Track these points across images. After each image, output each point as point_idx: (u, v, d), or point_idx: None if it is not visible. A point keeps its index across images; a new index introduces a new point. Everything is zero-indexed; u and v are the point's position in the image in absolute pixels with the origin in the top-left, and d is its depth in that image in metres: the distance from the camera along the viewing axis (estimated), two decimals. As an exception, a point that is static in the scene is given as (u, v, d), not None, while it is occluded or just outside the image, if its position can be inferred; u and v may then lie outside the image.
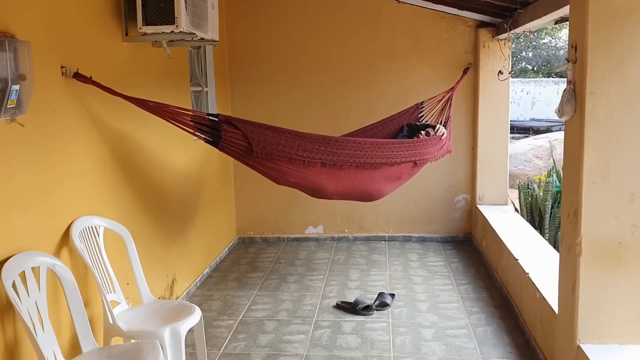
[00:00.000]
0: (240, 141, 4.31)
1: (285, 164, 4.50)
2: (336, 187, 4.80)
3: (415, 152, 5.00)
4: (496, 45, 6.32)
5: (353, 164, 4.71)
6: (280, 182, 4.70)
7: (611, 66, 3.07)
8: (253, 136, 4.32)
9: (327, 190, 4.81)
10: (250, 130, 4.32)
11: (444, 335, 4.38)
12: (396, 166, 4.93)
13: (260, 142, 4.35)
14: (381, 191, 5.07)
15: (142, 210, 4.43)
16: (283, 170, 4.53)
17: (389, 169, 4.91)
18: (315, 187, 4.76)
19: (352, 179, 4.79)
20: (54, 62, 3.28)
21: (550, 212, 6.53)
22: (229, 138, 4.26)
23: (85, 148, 3.61)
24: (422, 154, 5.06)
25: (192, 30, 4.02)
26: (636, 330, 3.21)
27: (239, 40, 6.70)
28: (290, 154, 4.48)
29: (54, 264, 3.03)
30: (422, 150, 5.06)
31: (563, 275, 3.48)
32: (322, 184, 4.73)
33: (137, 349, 3.07)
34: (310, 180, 4.67)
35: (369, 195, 5.07)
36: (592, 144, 3.12)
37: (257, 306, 5.04)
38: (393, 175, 5.01)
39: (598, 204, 3.15)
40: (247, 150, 4.35)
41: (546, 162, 12.45)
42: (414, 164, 5.05)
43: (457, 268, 5.94)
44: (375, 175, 4.89)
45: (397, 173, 5.01)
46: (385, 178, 4.97)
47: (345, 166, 4.69)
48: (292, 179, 4.63)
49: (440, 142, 5.27)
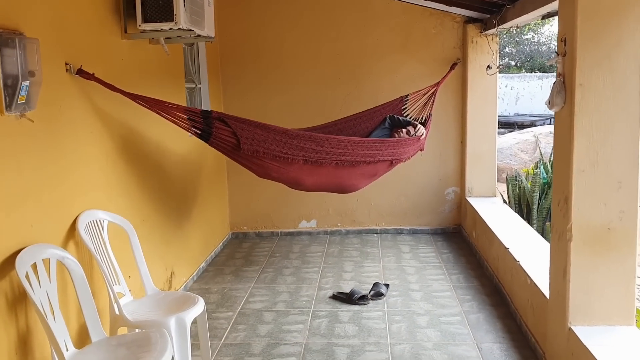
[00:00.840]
0: (229, 138, 4.47)
1: (270, 160, 4.67)
2: (314, 182, 5.01)
3: (394, 152, 5.21)
4: (484, 40, 6.45)
5: (333, 162, 4.90)
6: (262, 176, 4.89)
7: (599, 59, 3.20)
8: (242, 134, 4.47)
9: (305, 184, 5.03)
10: (240, 127, 4.48)
11: (438, 322, 4.50)
12: (373, 164, 5.14)
13: (248, 139, 4.50)
14: (355, 186, 5.31)
15: (143, 205, 4.51)
16: (266, 166, 4.71)
17: (366, 167, 5.12)
18: (295, 181, 4.97)
19: (330, 175, 5.00)
20: (59, 58, 3.36)
21: (537, 203, 6.68)
22: (219, 134, 4.41)
23: (89, 143, 3.69)
24: (400, 153, 5.27)
25: (191, 27, 4.09)
26: (624, 312, 3.35)
27: (231, 37, 6.77)
28: (275, 151, 4.64)
29: (63, 256, 3.10)
30: (400, 150, 5.26)
31: (554, 260, 3.62)
32: (301, 179, 4.94)
33: (146, 338, 3.16)
34: (290, 175, 4.87)
35: (343, 189, 5.31)
36: (581, 133, 3.25)
37: (254, 298, 5.13)
38: (369, 173, 5.22)
39: (587, 191, 3.28)
40: (235, 146, 4.51)
41: (531, 156, 12.65)
42: (390, 163, 5.27)
43: (448, 258, 6.07)
44: (353, 172, 5.10)
45: (373, 170, 5.22)
46: (361, 175, 5.18)
47: (325, 163, 4.88)
48: (274, 174, 4.82)
49: (418, 142, 5.46)
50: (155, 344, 3.08)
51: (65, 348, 2.97)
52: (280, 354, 4.08)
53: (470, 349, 4.07)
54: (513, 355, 3.99)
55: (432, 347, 4.11)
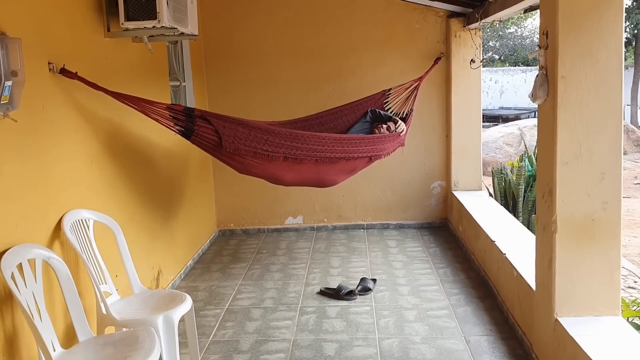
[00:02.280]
0: (211, 136, 4.48)
1: (251, 157, 4.70)
2: (294, 177, 5.06)
3: (373, 148, 5.26)
4: (467, 34, 6.48)
5: (313, 158, 4.95)
6: (242, 172, 4.93)
7: (581, 52, 3.22)
8: (224, 132, 4.49)
9: (285, 180, 5.08)
10: (222, 125, 4.50)
11: (426, 316, 4.52)
12: (352, 160, 5.19)
13: (230, 137, 4.52)
14: (334, 181, 5.37)
15: (128, 204, 4.49)
16: (247, 163, 4.74)
17: (345, 163, 5.17)
18: (275, 177, 5.02)
19: (310, 171, 5.05)
20: (41, 58, 3.33)
21: (523, 196, 6.73)
22: (201, 132, 4.42)
23: (74, 142, 3.67)
24: (379, 150, 5.32)
25: (174, 25, 4.08)
26: (610, 302, 3.38)
27: (214, 34, 6.75)
28: (256, 148, 4.68)
29: (49, 256, 3.09)
30: (380, 147, 5.31)
31: (540, 252, 3.65)
32: (281, 175, 4.99)
33: (133, 336, 3.15)
34: (270, 172, 4.91)
35: (322, 183, 5.37)
36: (564, 125, 3.28)
37: (242, 295, 5.13)
38: (348, 169, 5.28)
39: (571, 183, 3.31)
40: (217, 144, 4.53)
41: (516, 149, 12.73)
42: (369, 159, 5.33)
43: (435, 252, 6.10)
44: (332, 168, 5.15)
45: (352, 166, 5.28)
46: (340, 170, 5.24)
47: (305, 160, 4.92)
48: (254, 170, 4.86)
49: (398, 138, 5.49)
50: (143, 342, 3.07)
51: (52, 348, 2.96)
52: (268, 351, 4.08)
53: (458, 342, 4.10)
54: (500, 347, 4.02)
55: (420, 341, 4.13)
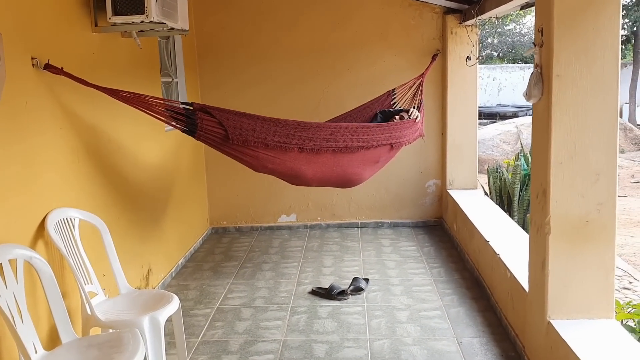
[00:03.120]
0: (216, 129, 4.31)
1: (263, 150, 4.51)
2: (315, 172, 4.82)
3: (391, 135, 5.04)
4: (463, 31, 6.41)
5: (330, 149, 4.74)
6: (259, 169, 4.71)
7: (577, 50, 3.16)
8: (229, 123, 4.32)
9: (306, 176, 4.84)
10: (225, 117, 4.32)
11: (418, 317, 4.46)
12: (373, 149, 4.97)
13: (236, 129, 4.35)
14: (360, 175, 5.10)
15: (116, 202, 4.42)
16: (261, 157, 4.54)
17: (366, 153, 4.94)
18: (294, 173, 4.78)
19: (330, 163, 4.83)
20: (24, 53, 3.25)
21: (518, 195, 6.67)
22: (205, 126, 4.26)
23: (59, 140, 3.59)
24: (398, 136, 5.10)
25: (163, 20, 4.00)
26: (603, 305, 3.32)
27: (208, 30, 6.68)
28: (267, 139, 4.49)
29: (31, 256, 3.01)
30: (397, 133, 5.10)
31: (533, 253, 3.59)
32: (300, 170, 4.75)
33: (118, 338, 3.08)
34: (288, 166, 4.68)
35: (348, 180, 5.10)
36: (559, 125, 3.21)
37: (233, 294, 5.07)
38: (370, 159, 5.04)
39: (565, 184, 3.25)
40: (224, 137, 4.35)
41: (513, 147, 12.67)
42: (391, 147, 5.09)
43: (429, 252, 6.04)
44: (353, 159, 4.92)
45: (374, 156, 5.04)
46: (362, 162, 4.99)
47: (322, 151, 4.72)
48: (270, 165, 4.64)
49: (415, 125, 5.32)
50: (127, 344, 3.01)
51: (34, 350, 2.90)
52: (258, 351, 4.02)
53: (450, 344, 4.04)
54: (493, 349, 3.96)
55: (412, 342, 4.07)
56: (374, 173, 5.27)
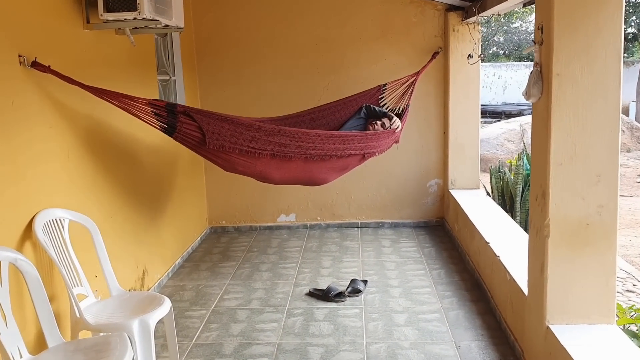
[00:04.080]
0: (194, 132, 4.33)
1: (236, 155, 4.54)
2: (282, 176, 4.88)
3: (366, 145, 5.06)
4: (466, 29, 6.31)
5: (303, 156, 4.77)
6: (228, 170, 4.75)
7: (577, 48, 3.07)
8: (208, 128, 4.34)
9: (274, 179, 4.90)
10: (206, 122, 4.34)
11: (416, 320, 4.38)
12: (344, 158, 5.00)
13: (214, 134, 4.37)
14: (325, 180, 5.16)
15: (110, 201, 4.35)
16: (233, 161, 4.57)
17: (336, 161, 4.98)
18: (263, 175, 4.84)
19: (299, 169, 4.86)
20: (11, 50, 3.18)
21: (521, 195, 6.57)
22: (183, 129, 4.27)
23: (48, 138, 3.52)
24: (373, 146, 5.12)
25: (156, 17, 3.92)
26: (604, 310, 3.24)
27: (207, 27, 6.60)
28: (242, 145, 4.52)
29: (15, 258, 2.94)
30: (373, 143, 5.11)
31: (532, 256, 3.50)
32: (269, 173, 4.81)
33: (105, 342, 3.02)
34: (257, 169, 4.73)
35: (312, 182, 5.16)
36: (558, 125, 3.13)
37: (229, 295, 5.00)
38: (340, 167, 5.08)
39: (565, 186, 3.16)
40: (200, 141, 4.37)
41: (518, 146, 12.56)
42: (362, 157, 5.13)
43: (429, 253, 5.95)
44: (322, 166, 4.95)
45: (344, 164, 5.08)
46: (331, 169, 5.04)
47: (294, 157, 4.75)
48: (241, 168, 4.68)
49: (392, 135, 5.31)
50: (114, 349, 2.94)
51: (19, 355, 2.84)
52: (252, 355, 3.94)
53: (448, 348, 3.95)
54: (491, 353, 3.87)
55: (409, 346, 3.99)
56: (338, 177, 5.30)
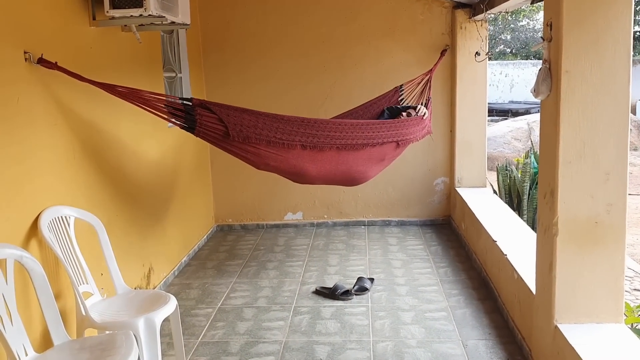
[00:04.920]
0: (216, 125, 4.19)
1: (265, 147, 4.38)
2: (319, 170, 4.69)
3: (397, 132, 4.90)
4: (473, 26, 6.28)
5: (334, 146, 4.60)
6: (260, 167, 4.59)
7: (587, 44, 3.04)
8: (229, 119, 4.20)
9: (310, 174, 4.71)
10: (225, 113, 4.20)
11: (423, 319, 4.36)
12: (378, 147, 4.83)
13: (236, 125, 4.22)
14: (365, 173, 4.98)
15: (116, 200, 4.35)
16: (262, 154, 4.41)
17: (371, 150, 4.81)
18: (297, 170, 4.65)
19: (334, 161, 4.69)
20: (16, 47, 3.17)
21: (528, 194, 6.54)
22: (204, 122, 4.14)
23: (53, 136, 3.52)
24: (404, 134, 4.96)
25: (162, 14, 3.91)
26: (612, 309, 3.21)
27: (213, 24, 6.59)
28: (269, 136, 4.35)
29: (21, 255, 2.93)
30: (404, 131, 4.96)
31: (540, 255, 3.47)
32: (304, 168, 4.62)
33: (111, 340, 3.01)
34: (291, 164, 4.56)
35: (352, 178, 4.98)
36: (567, 123, 3.09)
37: (235, 294, 4.98)
38: (376, 157, 4.90)
39: (574, 184, 3.13)
40: (224, 134, 4.23)
41: (525, 144, 12.51)
42: (397, 145, 4.96)
43: (436, 251, 5.92)
44: (358, 157, 4.78)
45: (380, 154, 4.90)
46: (368, 159, 4.86)
47: (326, 148, 4.58)
48: (273, 163, 4.51)
49: (422, 122, 5.19)
50: (120, 347, 2.93)
51: (24, 353, 2.83)
52: (258, 353, 3.93)
53: (455, 347, 3.93)
54: (499, 352, 3.85)
55: (416, 344, 3.97)
56: (380, 171, 5.14)
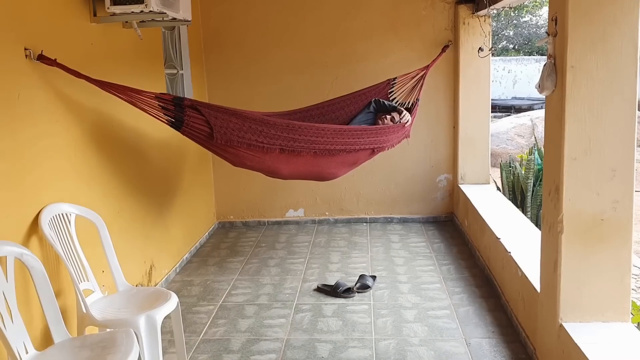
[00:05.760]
0: (202, 127, 4.28)
1: (244, 149, 4.48)
2: (291, 170, 4.83)
3: (376, 140, 4.99)
4: (476, 21, 6.24)
5: (312, 150, 4.70)
6: (237, 165, 4.70)
7: (592, 39, 3.00)
8: (216, 122, 4.29)
9: (282, 173, 4.85)
10: (214, 116, 4.29)
11: (425, 317, 4.33)
12: (354, 153, 4.93)
13: (222, 128, 4.32)
14: (334, 175, 5.11)
15: (117, 196, 4.32)
16: (241, 155, 4.52)
17: (346, 156, 4.92)
18: (271, 170, 4.79)
19: (308, 164, 4.81)
20: (17, 44, 3.14)
21: (532, 190, 6.50)
22: (191, 123, 4.22)
23: (54, 133, 3.49)
24: (382, 141, 5.05)
25: (163, 10, 3.88)
26: (618, 307, 3.18)
27: (215, 20, 6.55)
28: (251, 140, 4.46)
29: (21, 253, 2.91)
30: (383, 138, 5.04)
31: (544, 253, 3.44)
32: (278, 168, 4.75)
33: (111, 338, 2.98)
34: (266, 164, 4.68)
35: (321, 177, 5.13)
36: (573, 119, 3.06)
37: (237, 291, 4.96)
38: (349, 161, 5.02)
39: (579, 180, 3.10)
40: (208, 135, 4.33)
41: (528, 141, 12.46)
42: (372, 151, 5.06)
43: (439, 248, 5.89)
44: (332, 161, 4.90)
45: (353, 159, 5.02)
46: (341, 163, 4.98)
47: (303, 152, 4.69)
48: (249, 163, 4.64)
49: (402, 129, 5.23)
50: (120, 345, 2.90)
51: (25, 350, 2.81)
52: (259, 351, 3.91)
53: (458, 345, 3.90)
54: (502, 350, 3.82)
55: (419, 342, 3.94)
56: (348, 172, 5.25)
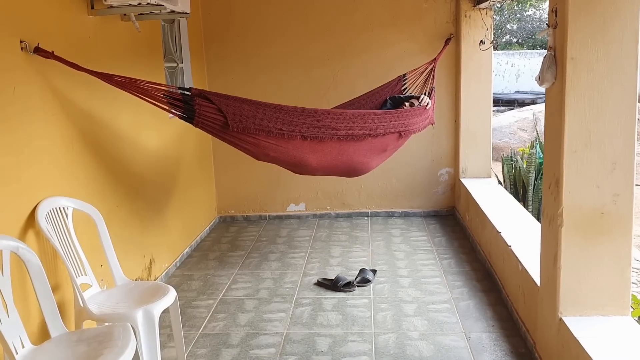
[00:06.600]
0: (215, 115, 4.13)
1: (264, 137, 4.31)
2: (319, 161, 4.62)
3: (399, 123, 4.83)
4: (478, 14, 6.20)
5: (335, 137, 4.53)
6: (260, 158, 4.52)
7: (593, 31, 2.96)
8: (228, 110, 4.14)
9: (311, 165, 4.64)
10: (225, 103, 4.14)
11: (426, 311, 4.31)
12: (380, 138, 4.76)
13: (236, 115, 4.16)
14: (366, 164, 4.91)
15: (116, 191, 4.31)
16: (262, 145, 4.35)
17: (373, 141, 4.74)
18: (298, 161, 4.58)
19: (335, 152, 4.62)
20: (12, 36, 3.12)
21: (533, 184, 6.47)
22: (203, 112, 4.08)
23: (51, 126, 3.47)
24: (406, 124, 4.89)
25: (160, 2, 3.86)
26: (619, 301, 3.15)
27: (215, 13, 6.52)
28: (269, 127, 4.29)
29: (17, 246, 2.89)
30: (406, 121, 4.88)
31: (544, 246, 3.42)
32: (304, 158, 4.55)
33: (108, 332, 2.97)
34: (291, 154, 4.49)
35: (353, 169, 4.91)
36: (573, 111, 3.03)
37: (237, 285, 4.95)
38: (378, 147, 4.83)
39: (579, 173, 3.07)
40: (223, 124, 4.17)
41: (531, 135, 12.41)
42: (399, 135, 4.89)
43: (440, 242, 5.87)
44: (360, 148, 4.72)
45: (381, 145, 4.83)
46: (369, 150, 4.79)
47: (327, 139, 4.51)
48: (273, 154, 4.45)
49: (425, 112, 5.11)
50: (117, 339, 2.89)
51: (21, 345, 2.80)
52: (259, 345, 3.89)
53: (458, 339, 3.88)
54: (502, 345, 3.80)
55: (418, 337, 3.92)
56: (381, 162, 5.07)
